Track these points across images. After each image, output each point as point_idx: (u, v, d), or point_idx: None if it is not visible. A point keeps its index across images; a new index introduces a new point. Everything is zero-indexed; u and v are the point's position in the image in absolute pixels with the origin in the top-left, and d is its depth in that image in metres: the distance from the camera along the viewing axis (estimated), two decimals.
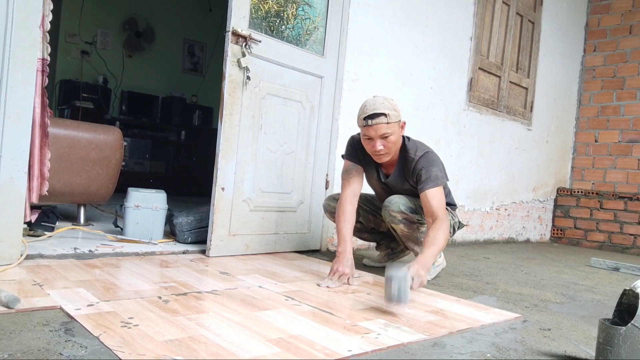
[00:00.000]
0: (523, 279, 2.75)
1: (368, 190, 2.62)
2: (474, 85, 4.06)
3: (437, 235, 2.03)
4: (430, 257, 1.97)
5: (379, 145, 2.10)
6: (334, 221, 2.34)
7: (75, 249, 2.27)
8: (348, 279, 2.11)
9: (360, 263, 2.69)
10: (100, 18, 6.01)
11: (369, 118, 2.06)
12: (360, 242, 3.25)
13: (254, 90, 2.60)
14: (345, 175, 2.34)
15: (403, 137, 2.27)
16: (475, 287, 2.39)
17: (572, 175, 5.39)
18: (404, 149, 2.25)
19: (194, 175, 6.07)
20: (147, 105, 6.20)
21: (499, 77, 4.32)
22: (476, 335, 1.58)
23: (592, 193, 5.10)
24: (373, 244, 3.32)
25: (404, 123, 2.20)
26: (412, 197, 2.31)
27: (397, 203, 2.27)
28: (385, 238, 2.71)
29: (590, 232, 5.08)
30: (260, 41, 2.58)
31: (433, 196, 2.14)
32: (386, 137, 2.09)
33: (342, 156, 2.44)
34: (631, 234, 4.81)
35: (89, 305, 1.47)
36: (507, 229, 4.62)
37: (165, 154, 6.14)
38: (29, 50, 1.86)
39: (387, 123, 2.07)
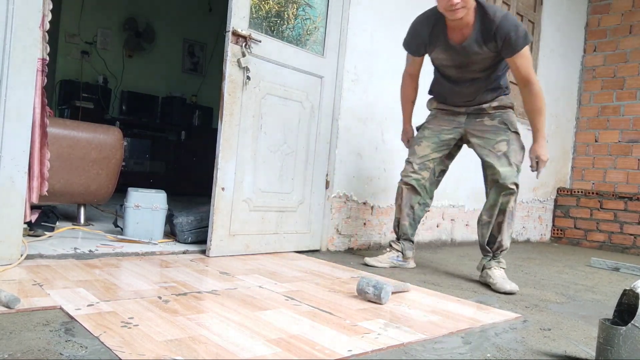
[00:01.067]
0: (523, 278, 2.75)
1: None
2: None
3: (536, 102, 2.27)
4: (542, 127, 2.30)
5: None
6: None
7: (75, 249, 2.27)
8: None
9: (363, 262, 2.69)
10: (100, 18, 6.01)
11: None
12: (360, 242, 3.25)
13: (254, 90, 2.60)
14: (406, 65, 2.67)
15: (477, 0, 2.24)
16: (475, 287, 2.39)
17: (572, 175, 5.39)
18: (481, 11, 2.23)
19: (194, 175, 6.07)
20: (147, 105, 6.20)
21: None
22: (476, 335, 1.58)
23: (592, 193, 5.10)
24: (373, 244, 3.33)
25: None
26: (495, 113, 2.45)
27: (511, 173, 2.37)
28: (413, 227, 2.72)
29: (590, 232, 5.08)
30: (260, 41, 2.58)
31: (525, 59, 2.22)
32: None
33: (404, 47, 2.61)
34: (631, 234, 4.81)
35: (89, 305, 1.47)
36: None
37: (165, 154, 6.14)
38: (29, 51, 1.86)
39: None
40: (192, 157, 6.25)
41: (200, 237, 2.67)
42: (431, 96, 2.70)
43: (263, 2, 2.71)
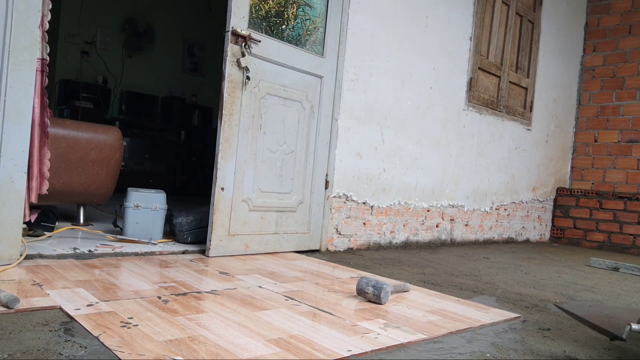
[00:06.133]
0: (523, 279, 2.75)
1: None
2: (474, 85, 4.06)
3: None
4: None
5: None
6: None
7: (74, 249, 2.27)
8: None
9: None
10: (100, 18, 6.00)
11: None
12: (360, 242, 3.25)
13: (254, 90, 2.60)
14: None
15: None
16: (475, 287, 2.39)
17: (571, 175, 5.39)
18: None
19: (193, 175, 6.08)
20: (146, 105, 6.20)
21: (499, 77, 4.32)
22: (476, 335, 1.58)
23: (592, 193, 5.10)
24: (372, 244, 3.33)
25: None
26: None
27: None
28: None
29: (589, 232, 5.08)
30: (260, 41, 2.58)
31: None
32: None
33: None
34: (631, 234, 4.81)
35: (88, 305, 1.47)
36: (507, 229, 4.62)
37: (165, 154, 6.14)
38: (29, 50, 1.86)
39: None
40: (191, 157, 6.25)
41: (199, 237, 2.67)
42: None
43: (263, 2, 2.71)
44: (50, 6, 1.97)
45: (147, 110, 6.20)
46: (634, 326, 1.39)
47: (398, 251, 3.38)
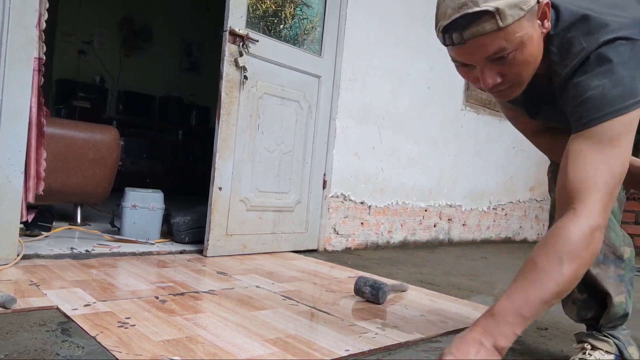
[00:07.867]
0: None
1: None
2: (472, 85, 4.06)
3: (550, 258, 1.02)
4: (510, 310, 0.96)
5: (489, 78, 1.05)
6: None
7: (72, 248, 2.26)
8: None
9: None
10: (97, 17, 5.99)
11: (450, 30, 1.03)
12: (358, 242, 3.25)
13: (252, 90, 2.60)
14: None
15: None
16: (473, 286, 2.39)
17: None
18: (548, 41, 1.07)
19: (191, 175, 6.06)
20: (144, 105, 6.19)
21: None
22: None
23: None
24: (370, 243, 3.33)
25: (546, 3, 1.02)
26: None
27: None
28: None
29: None
30: (257, 41, 2.58)
31: (585, 151, 1.00)
32: (503, 56, 1.00)
33: None
34: (628, 234, 4.82)
35: (85, 305, 1.47)
36: (504, 229, 4.63)
37: (163, 153, 6.12)
38: (26, 50, 1.86)
39: (499, 29, 0.96)
40: (189, 156, 6.24)
41: (197, 237, 2.66)
42: None
43: (260, 2, 2.71)
44: (47, 5, 1.96)
45: (144, 109, 6.18)
46: None
47: (396, 251, 3.39)
